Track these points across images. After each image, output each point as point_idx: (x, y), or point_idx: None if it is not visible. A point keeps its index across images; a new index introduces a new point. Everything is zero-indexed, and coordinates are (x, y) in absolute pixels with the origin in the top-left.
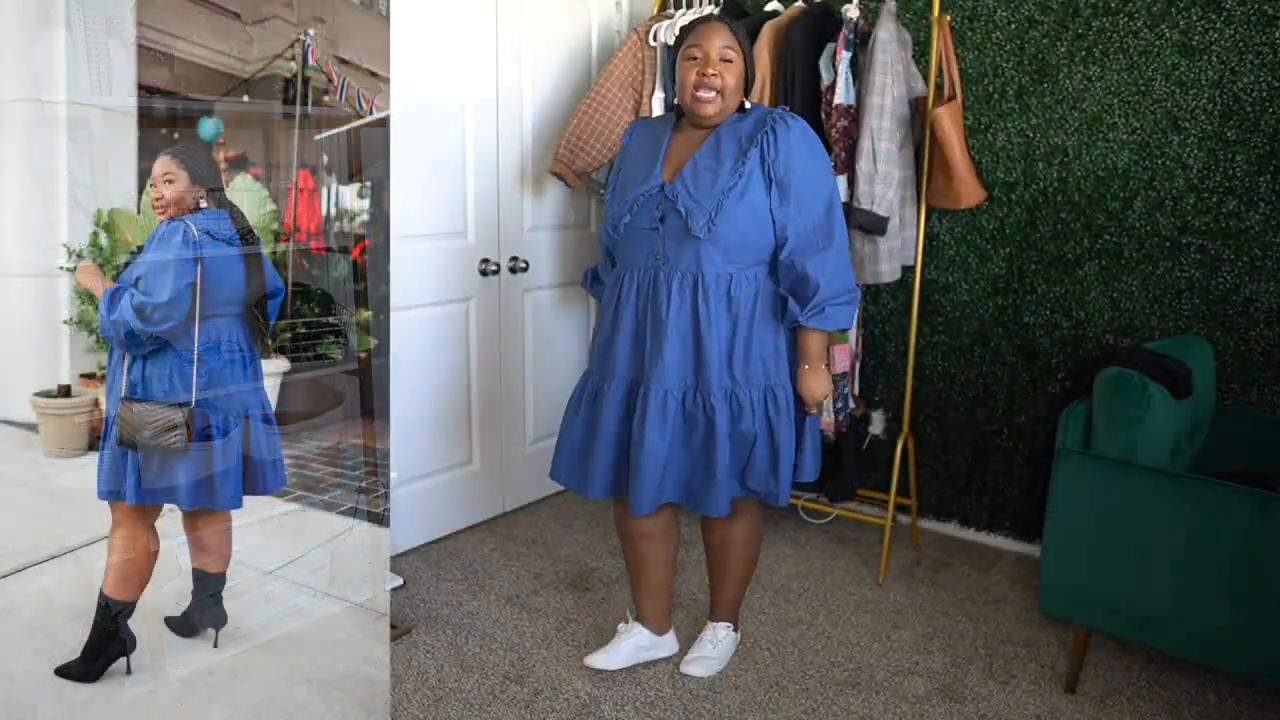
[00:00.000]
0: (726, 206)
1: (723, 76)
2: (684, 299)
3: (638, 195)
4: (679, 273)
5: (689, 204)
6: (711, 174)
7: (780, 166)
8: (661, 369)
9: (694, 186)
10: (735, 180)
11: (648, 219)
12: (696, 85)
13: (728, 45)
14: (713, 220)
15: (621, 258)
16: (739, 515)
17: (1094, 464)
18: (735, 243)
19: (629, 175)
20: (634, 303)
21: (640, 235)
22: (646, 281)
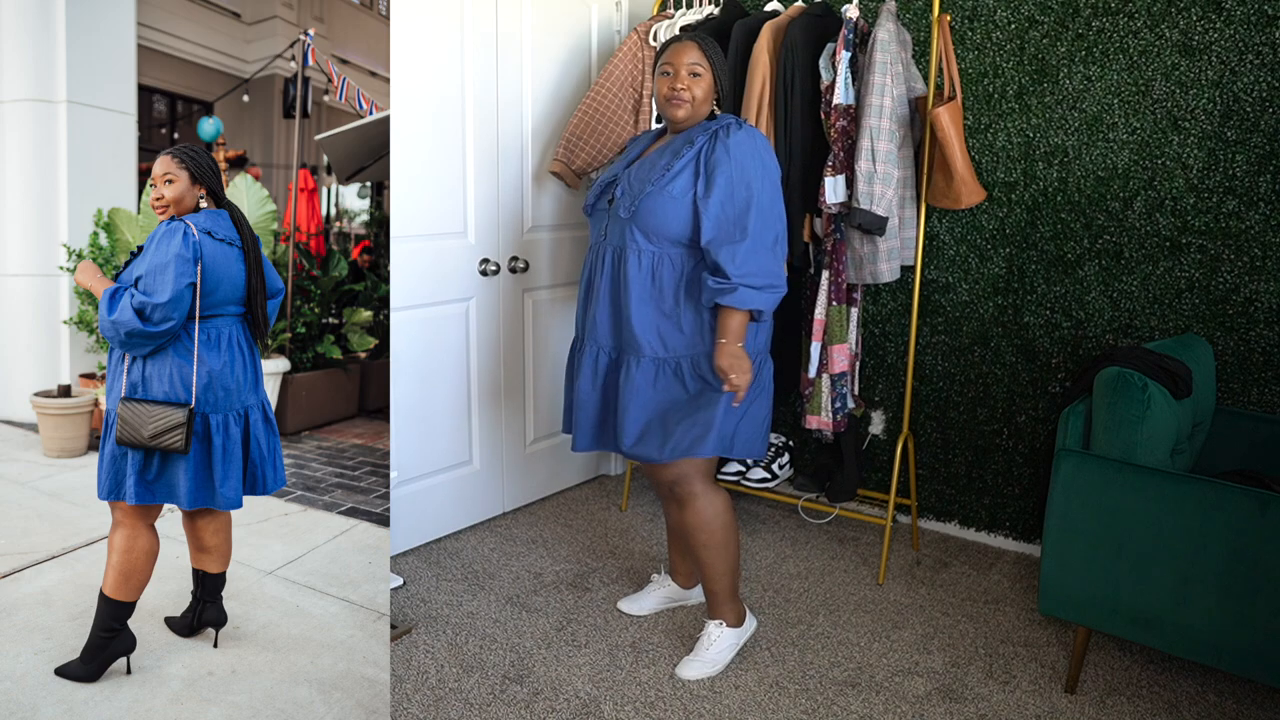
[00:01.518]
0: (649, 192)
1: (690, 89)
2: (613, 270)
3: (608, 180)
4: (612, 248)
5: (622, 189)
6: (650, 165)
7: (712, 161)
8: (595, 329)
9: (634, 176)
10: (664, 172)
11: (604, 202)
12: (668, 97)
13: (695, 62)
14: (635, 204)
15: (591, 234)
16: (688, 501)
17: (1094, 464)
18: (652, 225)
19: (612, 170)
20: (590, 272)
21: (598, 216)
22: (599, 255)
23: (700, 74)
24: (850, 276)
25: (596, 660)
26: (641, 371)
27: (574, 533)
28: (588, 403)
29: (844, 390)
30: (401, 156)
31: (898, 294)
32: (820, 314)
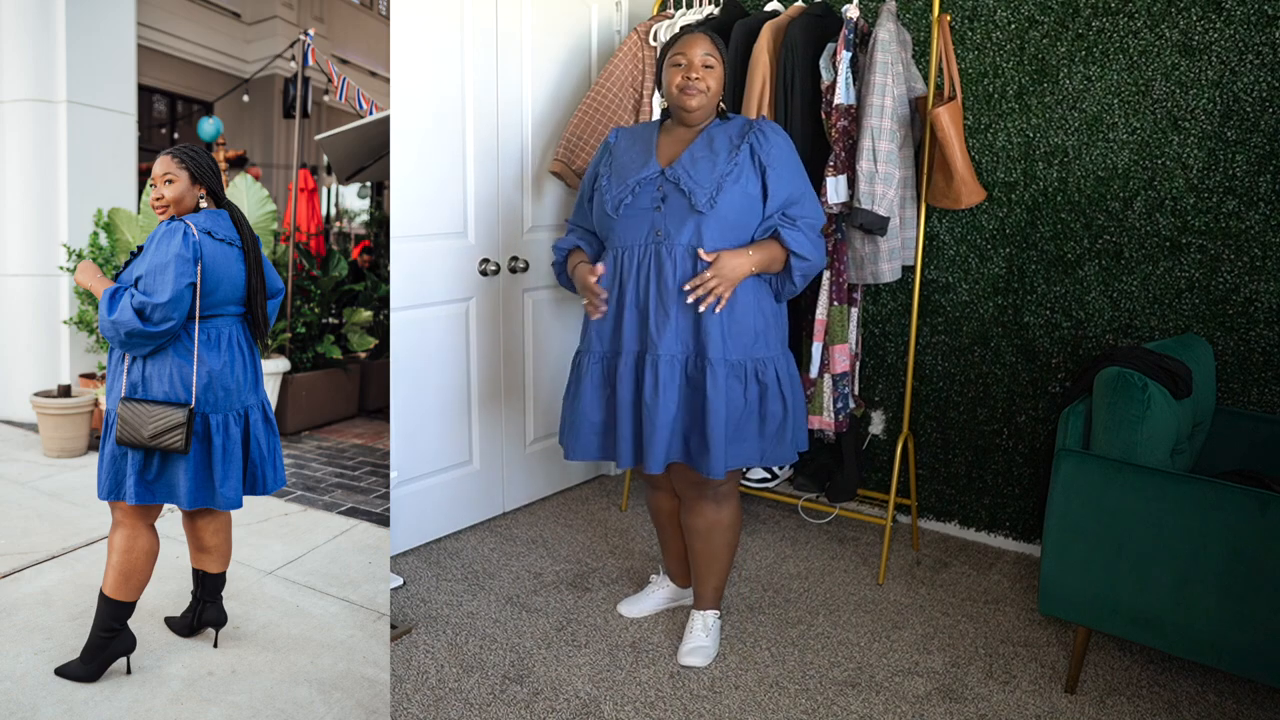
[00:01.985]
0: (726, 186)
1: (705, 80)
2: (685, 271)
3: (639, 179)
4: (680, 247)
5: (691, 185)
6: (709, 162)
7: (766, 156)
8: (666, 337)
9: (694, 171)
10: (731, 167)
11: (649, 200)
12: (682, 87)
13: (709, 53)
14: (714, 198)
15: (615, 238)
16: (725, 500)
17: (1094, 464)
18: (732, 220)
19: (623, 166)
20: (636, 278)
21: (641, 215)
22: (648, 258)
23: (713, 65)
24: (851, 276)
25: (596, 660)
26: (722, 377)
27: (574, 533)
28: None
29: (845, 390)
30: (401, 156)
31: (898, 294)
32: (821, 314)
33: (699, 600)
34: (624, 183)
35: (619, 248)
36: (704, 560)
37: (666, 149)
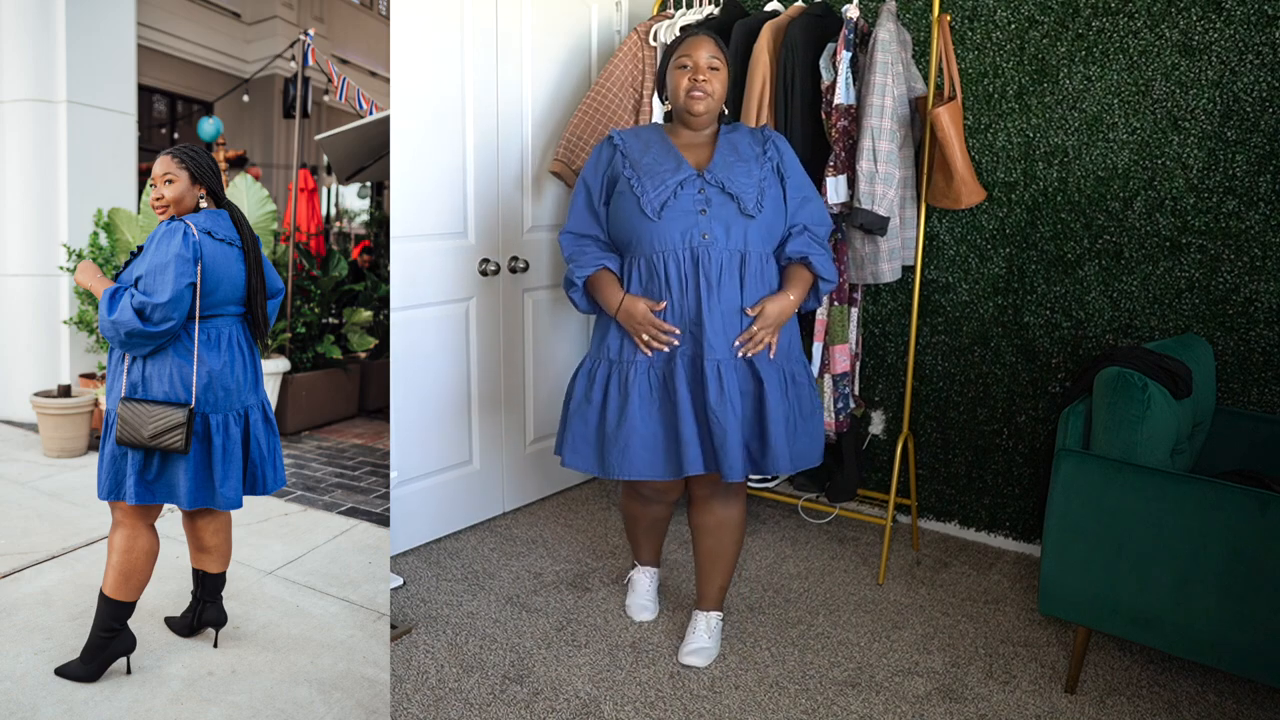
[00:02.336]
0: (768, 191)
1: (711, 82)
2: (732, 274)
3: (680, 180)
4: (728, 251)
5: (737, 189)
6: (743, 167)
7: (783, 165)
8: (721, 341)
9: (733, 175)
10: (766, 174)
11: (691, 203)
12: (689, 90)
13: (714, 55)
14: (760, 202)
15: (652, 242)
16: (736, 496)
17: (1094, 464)
18: (772, 222)
19: (652, 167)
20: (681, 282)
21: (683, 218)
22: (692, 261)
23: (718, 68)
24: (851, 276)
25: (596, 660)
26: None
27: (574, 533)
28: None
29: (845, 390)
30: (401, 156)
31: (898, 294)
32: (821, 314)
33: (703, 600)
34: (663, 184)
35: (657, 251)
36: (711, 558)
37: (689, 153)
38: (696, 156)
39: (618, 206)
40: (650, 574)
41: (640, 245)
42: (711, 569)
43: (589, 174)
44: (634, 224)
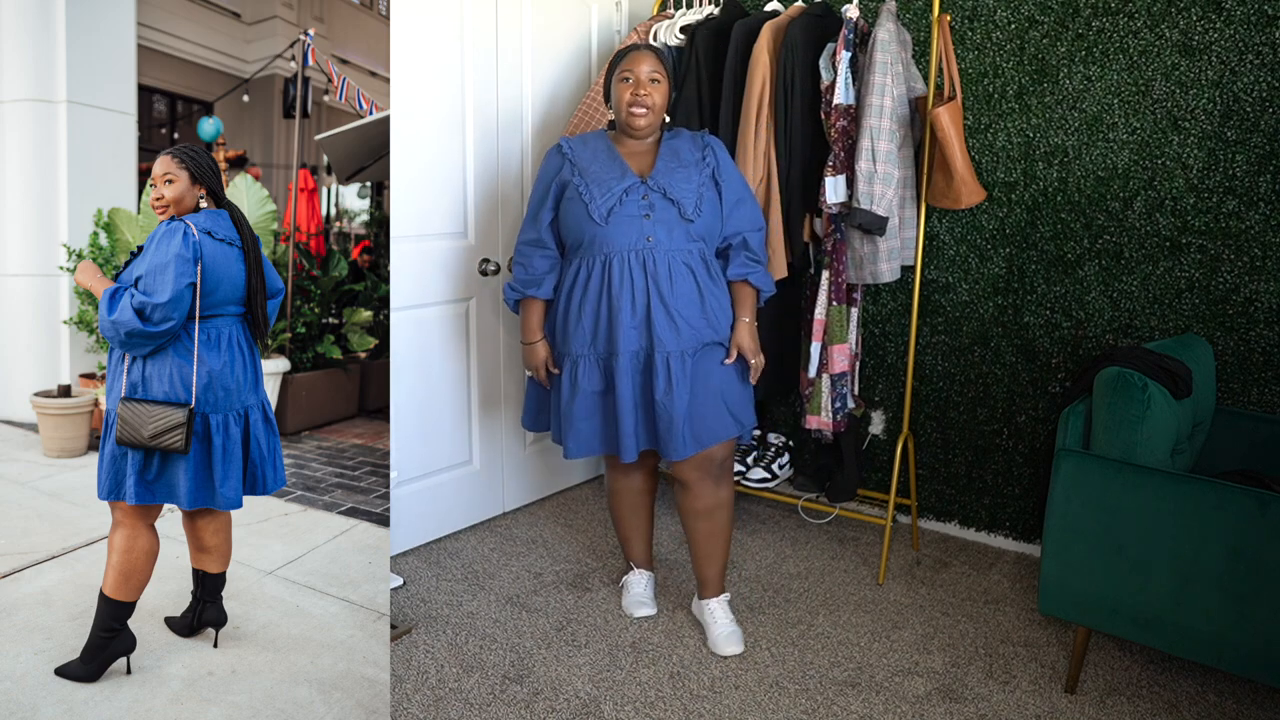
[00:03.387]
0: (706, 196)
1: (652, 95)
2: (680, 274)
3: (625, 188)
4: (672, 252)
5: (678, 195)
6: (683, 174)
7: (718, 170)
8: (672, 335)
9: (673, 181)
10: (704, 179)
11: (636, 208)
12: (630, 104)
13: (655, 69)
14: (699, 207)
15: (601, 244)
16: (724, 478)
17: (1094, 464)
18: (711, 225)
19: (599, 175)
20: (631, 282)
21: (629, 222)
22: (638, 263)
23: (659, 80)
24: (850, 276)
25: (596, 660)
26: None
27: (574, 533)
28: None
29: (844, 390)
30: (401, 156)
31: (898, 294)
32: (820, 314)
33: (709, 587)
34: (609, 191)
35: (605, 253)
36: (708, 541)
37: (633, 161)
38: (640, 164)
39: (567, 211)
40: (645, 576)
41: (590, 248)
42: (710, 551)
43: (539, 181)
44: (583, 228)
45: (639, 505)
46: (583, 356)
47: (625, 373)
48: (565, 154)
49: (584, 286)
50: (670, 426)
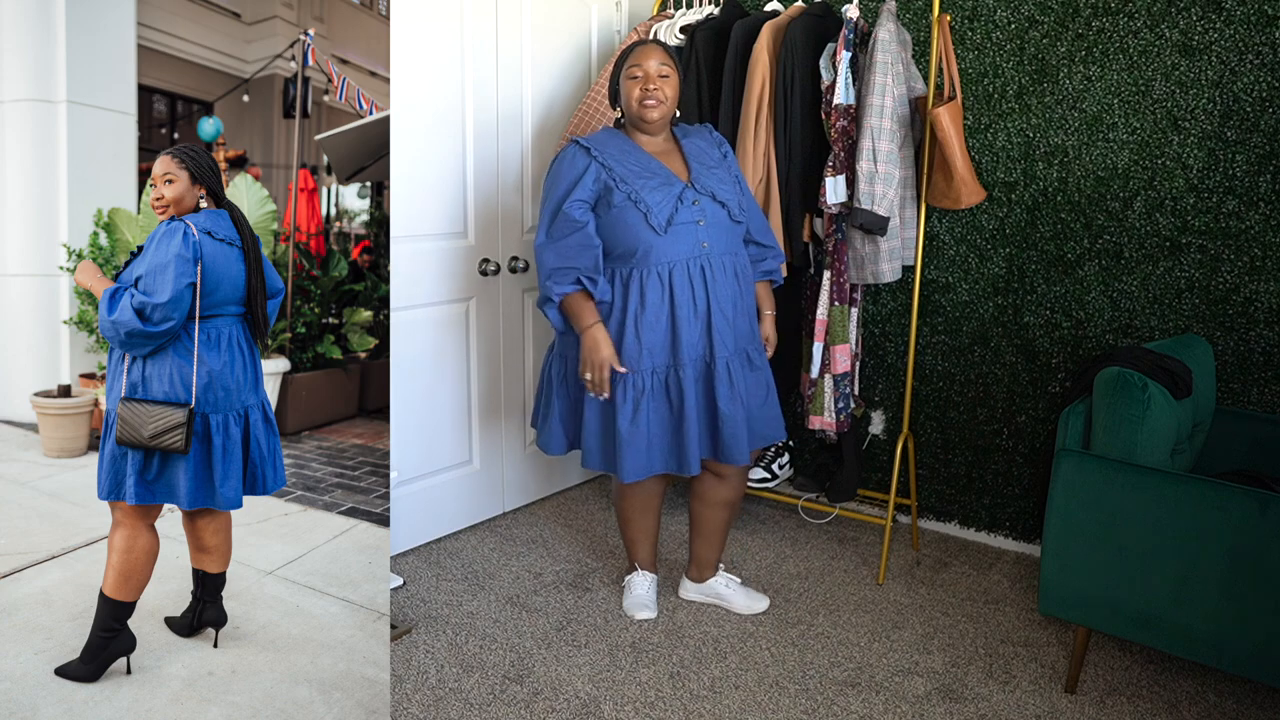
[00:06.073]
0: (741, 197)
1: (662, 89)
2: (728, 278)
3: (679, 193)
4: (723, 256)
5: (725, 197)
6: (717, 174)
7: (733, 165)
8: (730, 341)
9: (714, 183)
10: (732, 179)
11: (689, 214)
12: (642, 99)
13: (664, 63)
14: (741, 208)
15: (658, 255)
16: (745, 473)
17: (1094, 464)
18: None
19: (642, 178)
20: (691, 291)
21: (686, 229)
22: (697, 270)
23: (668, 74)
24: (851, 276)
25: (596, 660)
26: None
27: (574, 533)
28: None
29: (846, 390)
30: (401, 156)
31: (898, 294)
32: (821, 314)
33: (710, 568)
34: (664, 197)
35: (667, 264)
36: (719, 529)
37: (665, 161)
38: (673, 165)
39: (617, 219)
40: (648, 578)
41: (644, 259)
42: (717, 538)
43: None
44: (638, 237)
45: (650, 507)
46: (642, 373)
47: (690, 383)
48: (594, 155)
49: (640, 300)
50: (736, 431)
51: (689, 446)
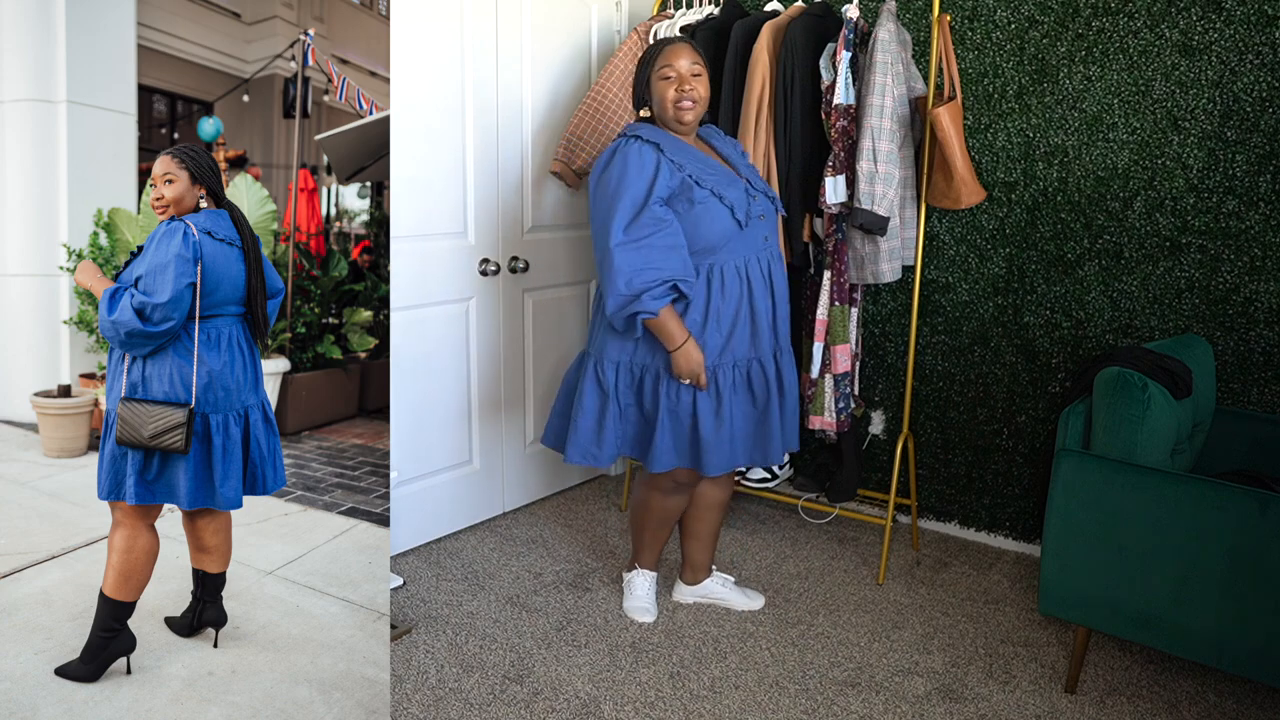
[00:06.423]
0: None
1: (696, 89)
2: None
3: (748, 189)
4: (772, 251)
5: (774, 194)
6: (755, 172)
7: None
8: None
9: (759, 180)
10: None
11: (756, 208)
12: (677, 100)
13: (695, 62)
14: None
15: (735, 248)
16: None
17: (1094, 464)
18: None
19: (717, 177)
20: (764, 285)
21: (756, 224)
22: (765, 263)
23: (700, 73)
24: (851, 276)
25: (596, 660)
26: None
27: (574, 533)
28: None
29: (846, 390)
30: (401, 156)
31: (898, 294)
32: (822, 314)
33: (704, 570)
34: (739, 192)
35: (743, 257)
36: (713, 532)
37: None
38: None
39: (702, 215)
40: (649, 577)
41: (722, 253)
42: (714, 540)
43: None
44: (725, 232)
45: (671, 521)
46: (724, 366)
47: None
48: (662, 149)
49: (721, 293)
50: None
51: (773, 437)
